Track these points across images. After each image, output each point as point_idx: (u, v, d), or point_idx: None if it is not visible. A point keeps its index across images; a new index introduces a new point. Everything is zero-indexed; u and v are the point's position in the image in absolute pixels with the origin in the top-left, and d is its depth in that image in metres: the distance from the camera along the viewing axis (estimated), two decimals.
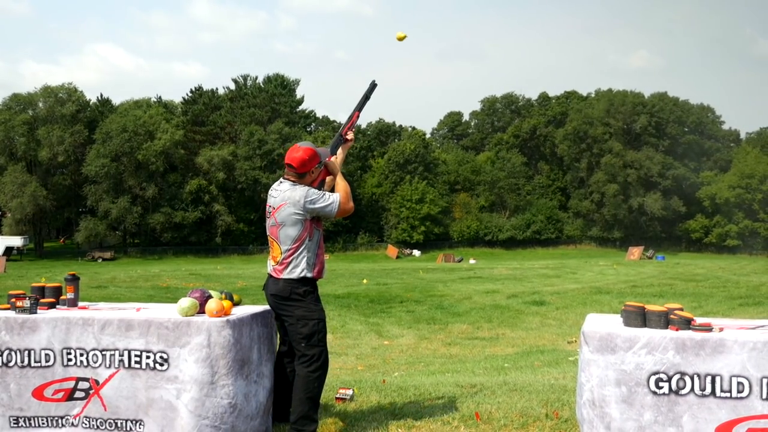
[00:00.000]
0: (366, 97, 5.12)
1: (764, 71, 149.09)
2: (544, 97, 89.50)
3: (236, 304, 4.83)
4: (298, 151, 4.56)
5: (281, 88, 79.75)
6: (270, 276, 4.62)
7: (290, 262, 4.49)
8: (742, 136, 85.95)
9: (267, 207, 4.67)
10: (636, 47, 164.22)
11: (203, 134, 74.31)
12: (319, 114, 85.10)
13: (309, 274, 4.54)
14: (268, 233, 4.62)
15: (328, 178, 4.83)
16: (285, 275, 4.50)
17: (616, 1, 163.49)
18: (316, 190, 4.57)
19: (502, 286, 23.56)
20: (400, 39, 5.14)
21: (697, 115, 79.02)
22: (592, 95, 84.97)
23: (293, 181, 4.56)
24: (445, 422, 4.89)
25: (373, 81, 5.11)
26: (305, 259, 4.52)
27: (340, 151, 5.03)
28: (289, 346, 4.73)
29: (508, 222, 76.67)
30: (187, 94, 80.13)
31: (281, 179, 4.63)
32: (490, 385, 6.30)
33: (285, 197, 4.48)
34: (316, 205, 4.49)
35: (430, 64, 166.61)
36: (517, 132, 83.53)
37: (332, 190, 4.78)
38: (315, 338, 4.54)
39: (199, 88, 79.38)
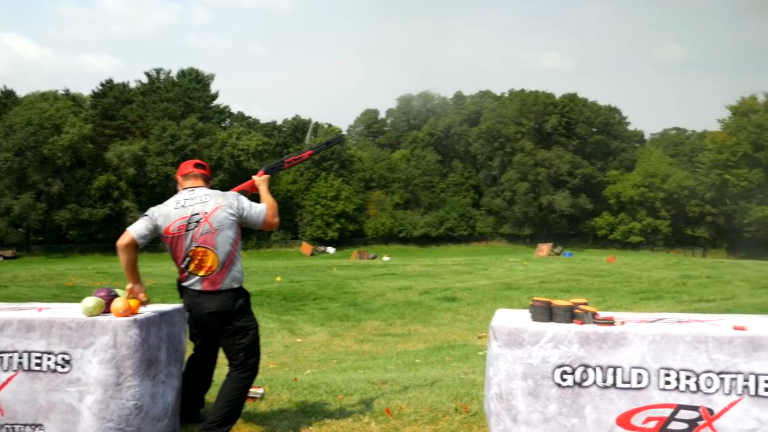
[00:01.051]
0: (327, 144, 5.14)
1: (668, 75, 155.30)
2: (459, 96, 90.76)
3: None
4: (199, 161, 4.59)
5: (195, 83, 78.30)
6: (201, 292, 4.35)
7: (230, 269, 4.35)
8: (647, 136, 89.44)
9: (187, 218, 4.33)
10: (548, 48, 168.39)
11: (113, 129, 72.22)
12: (234, 110, 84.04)
13: (244, 278, 4.48)
14: (193, 246, 4.32)
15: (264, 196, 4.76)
16: (225, 285, 4.35)
17: (529, 3, 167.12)
18: (245, 197, 4.54)
19: (415, 283, 23.69)
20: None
21: (605, 115, 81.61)
22: (506, 95, 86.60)
23: (207, 188, 4.50)
24: (356, 419, 4.90)
25: (341, 134, 5.14)
26: (240, 263, 4.45)
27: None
28: (205, 354, 4.64)
29: (422, 219, 77.35)
30: (96, 87, 77.73)
31: (191, 188, 4.47)
32: (401, 381, 6.34)
33: (217, 201, 4.37)
34: (246, 211, 4.43)
35: (348, 60, 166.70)
36: (432, 130, 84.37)
37: None
38: (255, 348, 4.48)
39: (110, 81, 77.10)
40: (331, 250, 69.40)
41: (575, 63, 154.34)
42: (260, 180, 4.81)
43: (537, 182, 75.42)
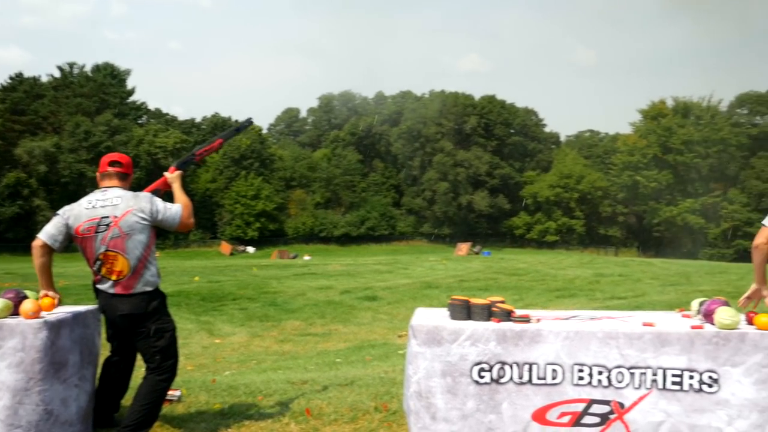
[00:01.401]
0: (237, 130, 5.05)
1: (583, 79, 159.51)
2: (380, 96, 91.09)
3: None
4: (120, 155, 4.43)
5: (111, 78, 76.19)
6: (114, 295, 4.27)
7: (143, 274, 4.26)
8: (562, 138, 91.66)
9: (97, 220, 4.23)
10: (467, 51, 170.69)
11: (23, 124, 69.46)
12: (151, 106, 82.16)
13: (159, 281, 4.37)
14: (103, 250, 4.22)
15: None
16: (139, 289, 4.25)
17: (449, 4, 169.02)
18: (158, 198, 4.41)
19: (335, 282, 23.62)
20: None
21: (523, 117, 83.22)
22: (426, 95, 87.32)
23: (122, 187, 4.35)
24: (275, 420, 4.86)
25: (250, 118, 5.06)
26: (155, 267, 4.34)
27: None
28: (122, 356, 4.53)
29: (343, 218, 77.29)
30: (5, 81, 74.72)
31: (104, 189, 4.34)
32: (321, 381, 6.32)
33: (129, 204, 4.24)
34: (161, 214, 4.31)
35: (268, 58, 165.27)
36: (353, 130, 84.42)
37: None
38: (171, 350, 4.38)
39: (20, 75, 74.19)
40: (251, 249, 68.61)
41: (494, 65, 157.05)
42: (173, 177, 4.69)
43: (457, 182, 76.32)
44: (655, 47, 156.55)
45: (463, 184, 76.54)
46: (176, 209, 4.39)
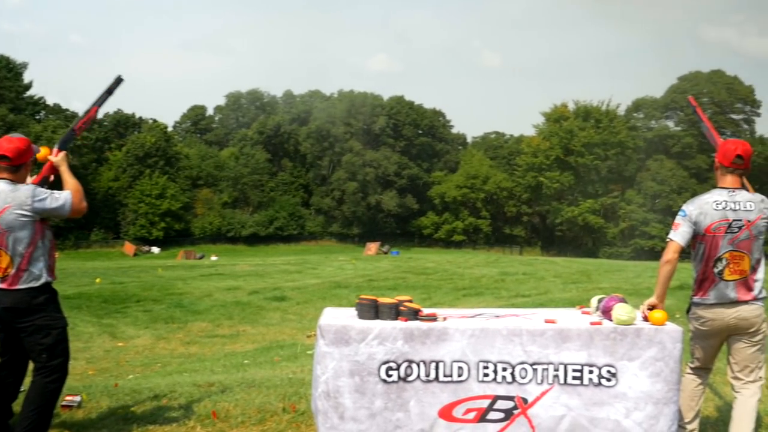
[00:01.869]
0: (109, 92, 4.83)
1: (488, 81, 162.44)
2: (288, 95, 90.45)
3: None
4: (12, 141, 4.18)
5: (6, 71, 72.85)
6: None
7: (27, 270, 4.10)
8: (469, 140, 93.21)
9: None
10: (376, 51, 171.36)
11: None
12: (50, 101, 78.95)
13: (50, 278, 4.20)
14: None
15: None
16: (22, 284, 4.10)
17: (357, 4, 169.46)
18: (44, 189, 4.22)
19: (243, 283, 23.41)
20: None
21: (430, 118, 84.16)
22: (335, 95, 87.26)
23: (10, 180, 4.16)
24: (181, 423, 4.77)
25: (119, 76, 4.83)
26: (42, 263, 4.16)
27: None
28: (10, 358, 4.34)
29: (251, 218, 76.41)
30: None
31: None
32: (228, 383, 6.24)
33: (7, 201, 4.06)
34: (46, 205, 4.14)
35: (174, 54, 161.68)
36: (261, 128, 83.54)
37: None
38: (59, 348, 4.22)
39: None
40: (155, 249, 66.98)
41: (402, 66, 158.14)
42: (58, 160, 4.47)
43: (365, 182, 76.57)
44: (557, 52, 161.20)
45: (372, 184, 76.85)
46: (65, 197, 4.23)
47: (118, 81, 4.82)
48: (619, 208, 68.05)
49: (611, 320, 4.16)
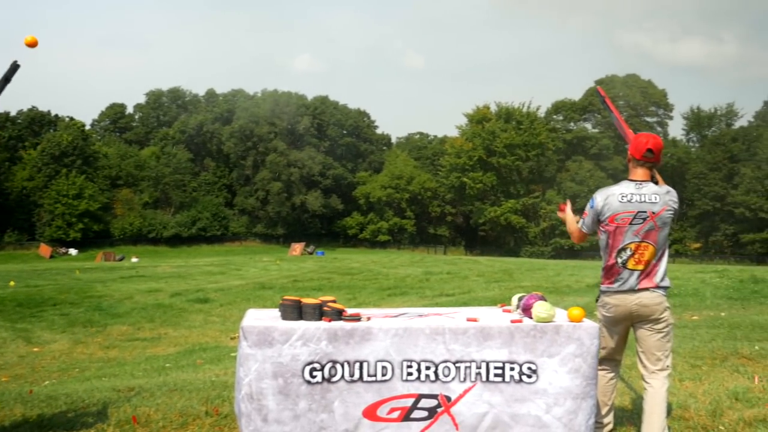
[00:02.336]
0: (5, 80, 4.58)
1: (412, 82, 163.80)
2: (211, 94, 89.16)
3: None
4: None
5: None
6: None
7: None
8: (393, 140, 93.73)
9: None
10: (300, 50, 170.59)
11: None
12: None
13: None
14: None
15: None
16: None
17: (281, 3, 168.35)
18: None
19: (165, 285, 23.04)
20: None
21: (355, 118, 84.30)
22: (259, 95, 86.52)
23: None
24: (99, 429, 4.65)
25: (15, 62, 4.55)
26: None
27: None
28: None
29: (173, 219, 75.10)
30: None
31: None
32: (149, 387, 6.11)
33: None
34: None
35: (91, 51, 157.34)
36: (183, 127, 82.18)
37: None
38: None
39: None
40: (73, 251, 65.04)
41: (326, 66, 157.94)
42: None
43: (290, 182, 76.13)
44: (479, 54, 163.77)
45: (297, 184, 76.48)
46: None
47: (14, 68, 4.55)
48: (539, 208, 69.48)
49: (531, 318, 4.24)
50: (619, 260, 4.39)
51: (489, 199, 71.10)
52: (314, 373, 3.93)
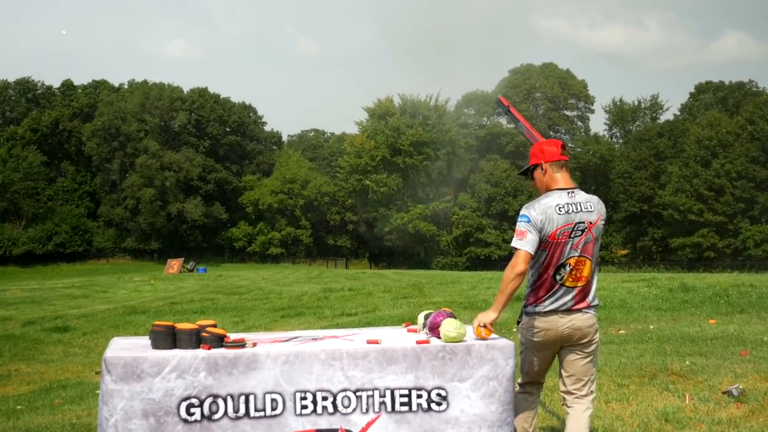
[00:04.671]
0: None
1: (304, 72, 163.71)
2: (68, 86, 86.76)
3: None
4: None
5: None
6: None
7: None
8: (284, 138, 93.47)
9: None
10: (173, 35, 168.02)
11: None
12: None
13: None
14: None
15: None
16: None
17: None
18: None
19: (16, 312, 22.38)
20: None
21: (239, 114, 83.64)
22: (125, 86, 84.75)
23: None
24: None
25: None
26: None
27: None
28: None
29: (25, 233, 72.88)
30: None
31: None
32: None
33: None
34: None
35: None
36: (35, 125, 79.68)
37: None
38: None
39: None
40: None
41: (204, 54, 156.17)
42: None
43: (164, 188, 74.79)
44: (380, 41, 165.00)
45: (173, 190, 75.23)
46: None
47: None
48: (452, 214, 70.38)
49: (439, 338, 4.28)
50: (558, 277, 4.44)
51: (395, 205, 71.54)
52: (192, 410, 3.87)
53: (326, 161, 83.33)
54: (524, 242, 4.35)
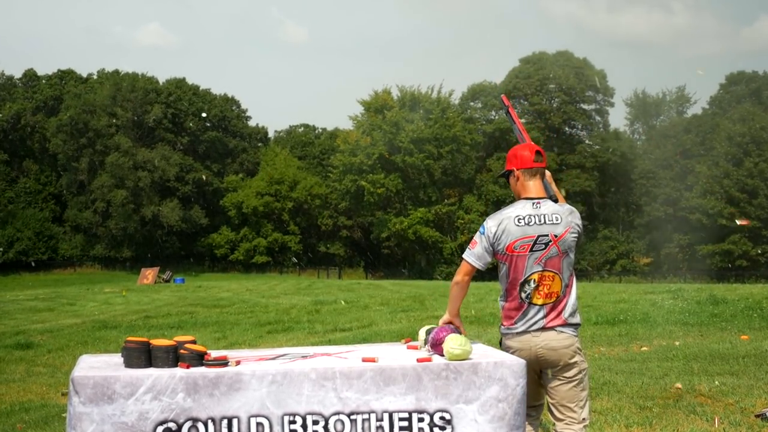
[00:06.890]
0: None
1: (293, 61, 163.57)
2: (30, 76, 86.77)
3: None
4: None
5: None
6: None
7: None
8: (271, 134, 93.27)
9: None
10: (146, 19, 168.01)
11: None
12: None
13: None
14: None
15: None
16: None
17: None
18: None
19: None
20: None
21: (221, 107, 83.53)
22: (94, 77, 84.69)
23: None
24: None
25: None
26: None
27: None
28: None
29: None
30: None
31: None
32: None
33: None
34: None
35: None
36: None
37: None
38: None
39: None
40: None
41: (180, 40, 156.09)
42: None
43: (138, 189, 74.69)
44: (377, 26, 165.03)
45: (147, 192, 75.13)
46: None
47: None
48: (456, 218, 70.27)
49: (443, 355, 4.29)
50: (523, 295, 4.56)
51: (393, 208, 71.45)
52: None
53: (317, 160, 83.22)
54: (470, 253, 4.69)
